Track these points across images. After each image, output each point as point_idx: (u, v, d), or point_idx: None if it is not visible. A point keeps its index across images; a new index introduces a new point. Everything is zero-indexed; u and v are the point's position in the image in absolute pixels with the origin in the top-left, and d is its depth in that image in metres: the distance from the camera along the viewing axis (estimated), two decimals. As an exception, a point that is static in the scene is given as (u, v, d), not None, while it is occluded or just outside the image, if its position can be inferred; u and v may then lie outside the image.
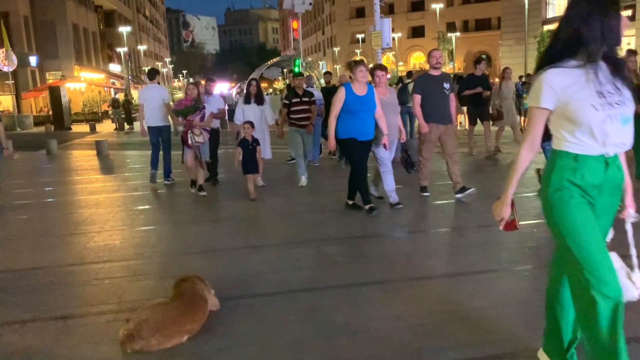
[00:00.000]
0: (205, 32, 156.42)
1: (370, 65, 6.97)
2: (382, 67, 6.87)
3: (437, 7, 48.38)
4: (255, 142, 7.58)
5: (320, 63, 65.46)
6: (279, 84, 50.49)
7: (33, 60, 35.57)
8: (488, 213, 6.08)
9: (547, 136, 5.16)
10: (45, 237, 6.10)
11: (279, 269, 4.66)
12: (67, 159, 14.60)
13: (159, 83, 9.40)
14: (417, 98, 7.01)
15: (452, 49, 50.26)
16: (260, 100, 8.47)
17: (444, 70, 7.82)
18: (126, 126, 27.99)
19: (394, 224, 6.08)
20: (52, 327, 3.69)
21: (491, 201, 2.89)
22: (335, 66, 68.15)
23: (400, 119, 7.27)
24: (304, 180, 8.47)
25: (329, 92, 10.17)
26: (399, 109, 7.08)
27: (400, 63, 62.22)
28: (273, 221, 6.47)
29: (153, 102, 8.87)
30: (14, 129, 27.43)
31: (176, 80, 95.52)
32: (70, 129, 28.38)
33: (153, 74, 9.33)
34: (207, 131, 7.87)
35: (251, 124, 7.59)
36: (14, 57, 27.25)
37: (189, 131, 7.71)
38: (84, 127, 29.28)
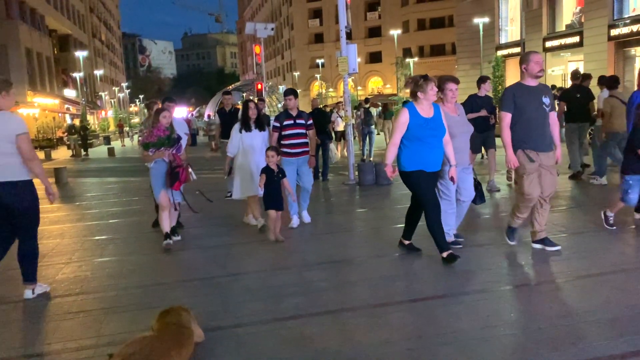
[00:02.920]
0: (162, 56, 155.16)
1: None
2: (455, 80, 5.60)
3: (395, 33, 49.53)
4: (282, 173, 6.40)
5: (280, 87, 65.74)
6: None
7: (-17, 85, 34.36)
8: (463, 234, 6.18)
9: (636, 168, 5.11)
10: (7, 270, 5.79)
11: (261, 297, 4.58)
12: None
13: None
14: (507, 117, 5.25)
15: (410, 74, 51.41)
16: (261, 126, 7.08)
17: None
18: (82, 153, 27.30)
19: (372, 247, 6.07)
20: (28, 366, 3.51)
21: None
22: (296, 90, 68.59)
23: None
24: (295, 221, 7.12)
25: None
26: (471, 129, 5.80)
27: (359, 88, 63.21)
28: (249, 248, 6.33)
29: None
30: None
31: (132, 105, 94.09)
32: (24, 156, 27.39)
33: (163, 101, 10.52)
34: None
35: (276, 150, 6.40)
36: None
37: (189, 167, 6.41)
38: (39, 154, 28.28)
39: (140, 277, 5.34)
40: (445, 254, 5.18)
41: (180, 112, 46.07)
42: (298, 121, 7.05)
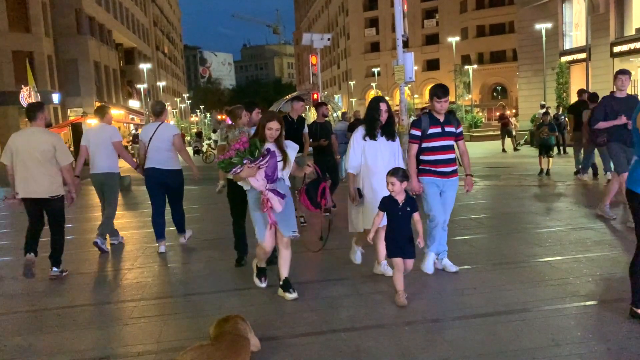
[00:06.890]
0: (221, 68, 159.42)
1: None
2: None
3: (453, 40, 48.78)
4: (410, 204, 4.49)
5: (336, 96, 66.11)
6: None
7: (55, 97, 36.35)
8: (524, 248, 5.97)
9: None
10: (76, 275, 6.08)
11: (316, 307, 4.57)
12: (88, 195, 14.67)
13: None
14: None
15: (469, 81, 50.44)
16: (391, 134, 5.22)
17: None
18: (146, 161, 28.26)
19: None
20: (93, 369, 3.64)
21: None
22: (350, 99, 68.73)
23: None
24: (450, 267, 5.34)
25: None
26: None
27: (416, 96, 62.60)
28: (305, 258, 6.36)
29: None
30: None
31: (193, 115, 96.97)
32: (92, 164, 28.70)
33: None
34: (280, 195, 4.68)
35: (398, 175, 4.45)
36: (38, 95, 27.90)
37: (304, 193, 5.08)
38: (105, 162, 29.59)
39: (198, 285, 5.45)
40: None
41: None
42: (447, 129, 5.14)
